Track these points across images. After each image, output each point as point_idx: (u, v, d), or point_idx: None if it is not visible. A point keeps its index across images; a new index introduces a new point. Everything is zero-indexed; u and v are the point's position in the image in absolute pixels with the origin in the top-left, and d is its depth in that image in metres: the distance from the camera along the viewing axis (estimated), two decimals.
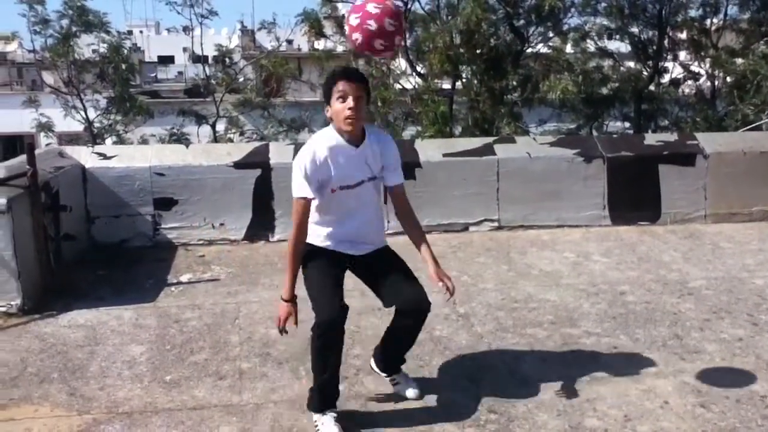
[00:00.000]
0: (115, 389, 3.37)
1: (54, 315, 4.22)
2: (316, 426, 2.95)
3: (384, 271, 3.20)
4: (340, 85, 2.83)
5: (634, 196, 6.05)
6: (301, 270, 3.11)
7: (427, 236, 3.49)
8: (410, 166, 5.82)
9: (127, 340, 3.92)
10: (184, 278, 4.91)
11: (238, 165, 5.63)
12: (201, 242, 5.64)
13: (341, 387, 3.29)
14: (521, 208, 5.97)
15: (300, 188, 2.97)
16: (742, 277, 4.85)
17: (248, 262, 5.28)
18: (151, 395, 3.31)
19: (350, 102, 2.82)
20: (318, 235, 3.13)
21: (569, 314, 4.23)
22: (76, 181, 5.37)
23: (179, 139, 14.22)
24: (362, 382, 3.42)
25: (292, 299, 3.07)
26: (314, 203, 3.01)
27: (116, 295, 4.56)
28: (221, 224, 5.67)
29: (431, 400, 3.24)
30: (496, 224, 5.97)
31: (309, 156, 2.91)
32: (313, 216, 3.08)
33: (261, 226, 5.71)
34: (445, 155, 5.91)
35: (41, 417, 3.13)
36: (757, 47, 12.03)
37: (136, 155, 5.72)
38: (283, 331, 3.05)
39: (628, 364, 3.58)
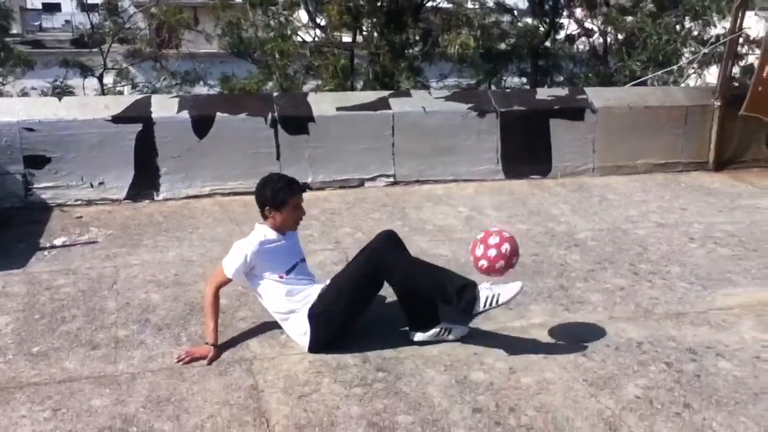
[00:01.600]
0: None
1: None
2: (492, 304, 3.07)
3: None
4: (296, 199, 3.30)
5: (526, 150, 6.14)
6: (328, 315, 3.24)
7: (322, 193, 3.43)
8: (303, 120, 5.65)
9: None
10: (58, 241, 4.57)
11: (117, 119, 5.27)
12: (79, 202, 5.28)
13: (227, 352, 3.19)
14: (417, 163, 5.93)
15: (230, 264, 3.26)
16: (626, 228, 5.02)
17: (130, 222, 4.98)
18: (15, 369, 3.05)
19: (304, 211, 3.38)
20: (297, 302, 3.30)
21: (460, 269, 4.20)
22: None
23: (63, 92, 13.31)
24: (248, 345, 3.29)
25: (214, 343, 3.20)
26: (275, 292, 3.29)
27: None
28: (100, 183, 5.31)
29: (316, 360, 3.16)
30: (391, 179, 5.91)
31: (253, 247, 3.25)
32: (282, 303, 3.30)
33: (145, 184, 5.40)
34: (339, 109, 5.76)
35: None
36: (645, 5, 12.42)
37: (1, 108, 5.23)
38: (183, 361, 3.14)
39: (514, 316, 3.63)
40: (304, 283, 3.34)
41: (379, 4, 11.56)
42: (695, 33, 11.90)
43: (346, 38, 12.86)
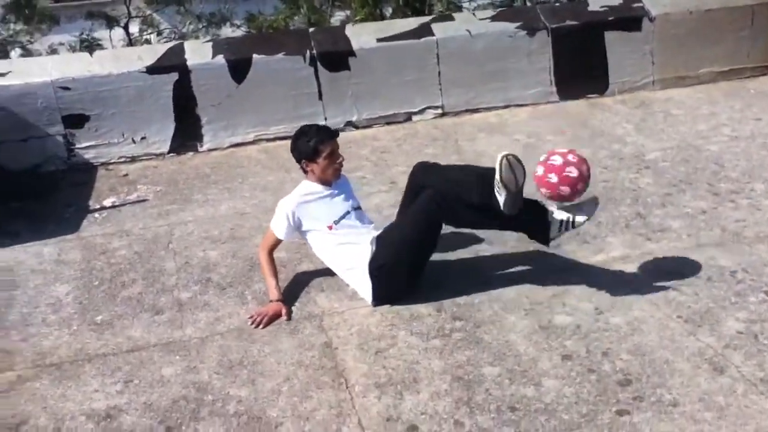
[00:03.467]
0: (41, 338, 3.01)
1: None
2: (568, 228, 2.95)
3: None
4: (329, 146, 3.12)
5: (581, 68, 5.74)
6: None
7: (370, 131, 3.27)
8: (343, 55, 5.35)
9: (50, 279, 3.52)
10: (107, 202, 4.46)
11: (152, 70, 5.04)
12: (123, 160, 5.13)
13: (294, 309, 3.06)
14: (465, 91, 5.60)
15: (278, 225, 3.18)
16: (698, 144, 4.69)
17: (177, 177, 4.83)
18: (81, 341, 2.97)
19: (341, 159, 3.18)
20: (357, 245, 3.13)
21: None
22: None
23: (90, 45, 13.09)
24: (315, 300, 3.15)
25: (281, 298, 3.10)
26: (327, 244, 3.16)
27: (33, 230, 4.09)
28: (143, 138, 5.14)
29: (388, 312, 3.01)
30: (439, 111, 5.61)
31: (294, 204, 3.15)
32: (337, 255, 3.17)
33: (187, 136, 5.22)
34: (379, 40, 5.42)
35: None
36: None
37: (34, 69, 5.05)
38: (262, 325, 3.00)
39: (592, 250, 3.41)
40: (359, 232, 3.15)
41: None
42: None
43: None
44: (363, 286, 3.07)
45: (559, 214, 2.93)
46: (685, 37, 5.89)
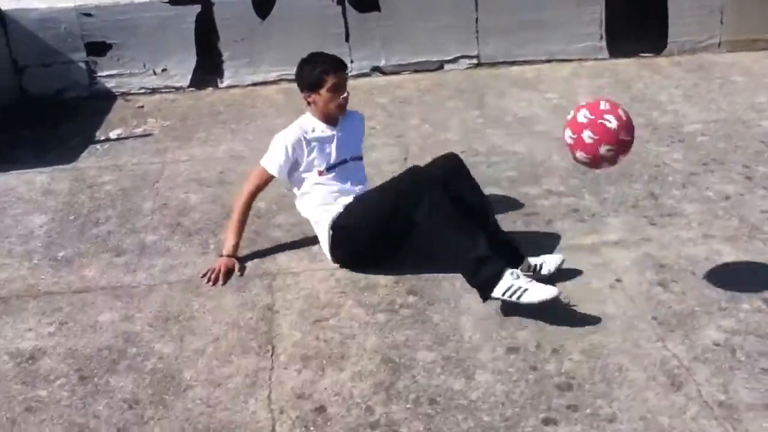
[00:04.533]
0: (0, 269, 3.03)
1: None
2: (512, 296, 2.45)
3: None
4: (334, 78, 2.86)
5: (636, 23, 5.19)
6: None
7: (396, 78, 3.11)
8: None
9: (32, 209, 3.53)
10: (113, 134, 4.43)
11: (174, 1, 4.91)
12: (143, 91, 5.09)
13: (252, 264, 2.93)
14: (504, 41, 5.19)
15: (272, 160, 2.91)
16: (749, 118, 4.17)
17: (190, 113, 4.74)
18: (37, 276, 2.95)
19: (345, 93, 2.92)
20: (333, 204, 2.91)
21: (533, 169, 3.68)
22: None
23: None
24: (275, 258, 3.01)
25: (233, 254, 2.93)
26: (311, 190, 2.94)
27: (36, 156, 4.12)
28: (163, 70, 5.07)
29: (344, 278, 2.83)
30: (475, 61, 5.24)
31: (294, 137, 2.89)
32: (316, 204, 2.94)
33: (208, 70, 5.10)
34: None
35: None
36: None
37: None
38: (212, 282, 2.84)
39: (586, 230, 3.09)
40: (349, 185, 2.94)
41: None
42: None
43: None
44: (324, 242, 2.91)
45: (509, 279, 2.47)
46: None
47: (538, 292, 2.43)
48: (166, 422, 2.16)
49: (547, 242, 2.98)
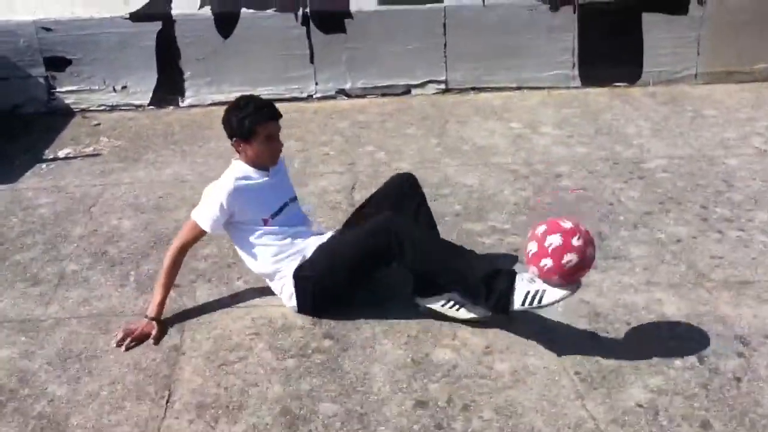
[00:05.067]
0: None
1: None
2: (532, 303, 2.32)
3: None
4: (266, 129, 2.64)
5: (610, 52, 5.07)
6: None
7: (360, 102, 2.93)
8: (339, 16, 4.93)
9: None
10: (62, 153, 4.32)
11: (136, 17, 4.81)
12: (103, 108, 4.99)
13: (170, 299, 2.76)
14: (473, 66, 5.08)
15: (204, 214, 2.67)
16: (715, 155, 4.02)
17: (145, 132, 4.63)
18: None
19: (279, 143, 2.73)
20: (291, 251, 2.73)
21: (482, 204, 3.54)
22: None
23: None
24: (195, 292, 2.87)
25: (157, 317, 2.67)
26: (259, 242, 2.72)
27: None
28: (123, 87, 4.97)
29: (262, 317, 2.68)
30: (443, 86, 5.12)
31: (228, 190, 2.64)
32: (269, 257, 2.72)
33: (169, 89, 5.00)
34: (381, 3, 4.94)
35: None
36: None
37: (17, 5, 4.90)
38: (123, 345, 2.56)
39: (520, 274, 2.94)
40: (298, 227, 2.76)
41: None
42: None
43: None
44: (287, 292, 2.70)
45: (525, 285, 2.34)
46: (742, 24, 5.08)
47: (555, 290, 2.29)
48: None
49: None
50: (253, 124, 2.61)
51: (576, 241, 2.25)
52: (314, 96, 5.06)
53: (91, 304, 2.81)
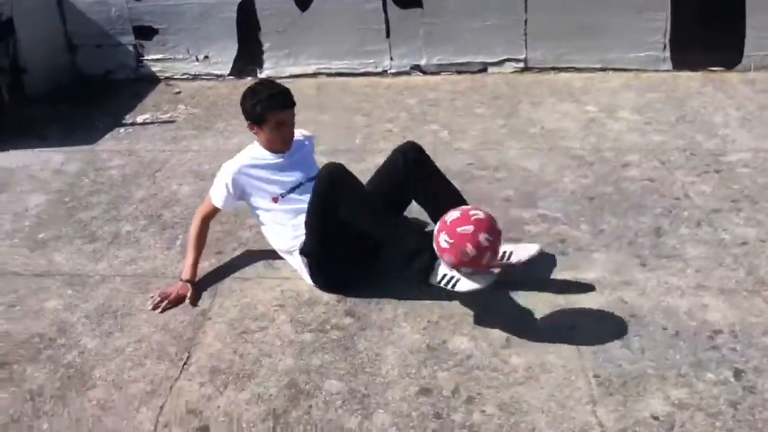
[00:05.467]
0: None
1: None
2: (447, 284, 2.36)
3: None
4: (276, 116, 2.68)
5: (707, 33, 4.68)
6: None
7: (434, 78, 3.60)
8: None
9: (36, 187, 3.67)
10: (140, 118, 4.54)
11: None
12: (186, 77, 5.18)
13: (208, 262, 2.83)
14: (555, 45, 4.85)
15: (216, 193, 2.80)
16: None
17: (221, 101, 4.77)
18: (11, 256, 3.05)
19: (290, 130, 2.74)
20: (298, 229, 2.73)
21: (536, 190, 3.39)
22: (50, 7, 5.00)
23: None
24: (234, 262, 2.94)
25: (192, 279, 2.78)
26: (270, 220, 2.79)
27: (62, 135, 4.29)
28: (206, 57, 5.13)
29: (291, 290, 2.71)
30: (521, 65, 4.93)
31: (235, 170, 2.76)
32: (279, 234, 2.79)
33: (248, 59, 5.12)
34: None
35: None
36: None
37: None
38: (159, 308, 2.67)
39: (565, 265, 2.80)
40: (305, 209, 2.70)
41: None
42: None
43: None
44: (303, 271, 2.74)
45: (444, 269, 2.36)
46: None
47: (472, 282, 2.29)
48: (56, 419, 2.16)
49: (520, 274, 2.72)
50: (264, 110, 2.67)
51: (467, 232, 2.25)
52: (389, 71, 5.02)
53: (137, 264, 2.95)
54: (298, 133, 2.89)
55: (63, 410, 2.19)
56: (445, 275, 2.33)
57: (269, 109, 2.67)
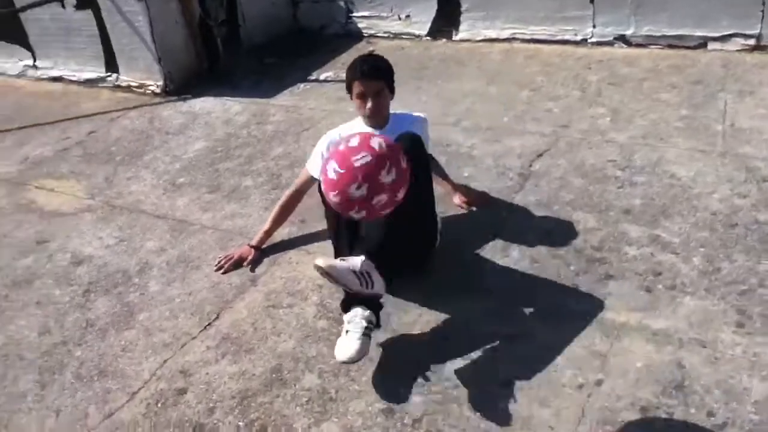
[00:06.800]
0: (131, 182, 3.61)
1: (186, 99, 4.60)
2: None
3: None
4: (359, 86, 2.60)
5: None
6: None
7: (639, 51, 3.77)
8: None
9: (204, 134, 4.07)
10: (323, 75, 4.71)
11: None
12: (386, 35, 5.22)
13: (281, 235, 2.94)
14: None
15: (313, 163, 2.77)
16: None
17: (410, 62, 4.71)
18: (148, 195, 3.47)
19: (369, 103, 2.61)
20: None
21: (669, 204, 2.78)
22: None
23: None
24: (308, 235, 2.97)
25: (258, 246, 2.88)
26: None
27: (252, 87, 4.67)
28: (407, 16, 5.09)
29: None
30: (752, 42, 3.99)
31: (329, 140, 2.71)
32: None
33: (445, 21, 4.96)
34: None
35: (61, 191, 3.59)
36: None
37: None
38: (222, 269, 2.81)
39: (633, 307, 2.27)
40: None
41: None
42: None
43: None
44: None
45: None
46: None
47: (342, 348, 2.12)
48: (89, 350, 2.46)
49: (563, 301, 2.31)
50: (348, 80, 2.62)
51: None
52: (589, 40, 4.46)
53: (233, 220, 3.15)
54: (407, 113, 2.80)
55: (99, 343, 2.49)
56: (347, 321, 2.19)
57: (351, 78, 2.63)
